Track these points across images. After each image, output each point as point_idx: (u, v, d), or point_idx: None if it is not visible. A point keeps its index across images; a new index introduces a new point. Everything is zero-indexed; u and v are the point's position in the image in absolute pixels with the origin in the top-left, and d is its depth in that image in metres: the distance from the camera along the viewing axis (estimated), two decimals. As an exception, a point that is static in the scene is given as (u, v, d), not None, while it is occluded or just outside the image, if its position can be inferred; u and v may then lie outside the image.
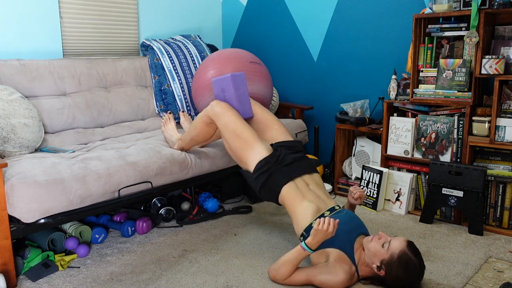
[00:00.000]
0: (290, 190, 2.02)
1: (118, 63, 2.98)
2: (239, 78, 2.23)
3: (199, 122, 2.29)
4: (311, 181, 2.11)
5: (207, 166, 2.53)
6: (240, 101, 2.24)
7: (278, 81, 3.73)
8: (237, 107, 2.23)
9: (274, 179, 2.05)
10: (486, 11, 2.38)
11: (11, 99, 2.20)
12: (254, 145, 2.10)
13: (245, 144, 2.10)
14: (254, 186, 2.12)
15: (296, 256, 1.84)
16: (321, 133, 3.52)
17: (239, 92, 2.23)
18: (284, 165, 2.07)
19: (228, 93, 2.24)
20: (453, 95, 2.54)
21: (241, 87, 2.24)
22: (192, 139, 2.38)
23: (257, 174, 2.07)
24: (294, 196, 2.01)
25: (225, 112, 2.17)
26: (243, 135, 2.11)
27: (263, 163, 2.06)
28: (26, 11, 2.69)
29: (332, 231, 1.78)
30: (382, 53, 3.11)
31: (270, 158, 2.07)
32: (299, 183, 2.06)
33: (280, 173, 2.05)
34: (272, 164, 2.06)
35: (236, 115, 2.17)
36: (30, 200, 1.83)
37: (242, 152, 2.11)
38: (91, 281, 1.94)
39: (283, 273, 1.85)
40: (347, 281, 1.79)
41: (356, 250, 1.87)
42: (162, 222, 2.59)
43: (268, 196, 2.10)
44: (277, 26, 3.64)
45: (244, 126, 2.13)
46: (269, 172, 2.05)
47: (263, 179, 2.05)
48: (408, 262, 1.74)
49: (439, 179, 2.52)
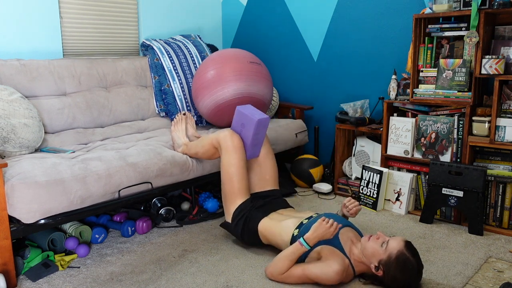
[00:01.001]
0: (266, 223, 2.14)
1: (118, 63, 2.98)
2: (263, 123, 2.23)
3: (208, 143, 2.33)
4: (285, 212, 2.24)
5: (208, 168, 2.53)
6: (253, 144, 2.27)
7: (278, 81, 3.73)
8: (248, 148, 2.27)
9: (250, 220, 2.17)
10: (486, 11, 2.38)
11: (11, 99, 2.20)
12: (239, 196, 2.21)
13: (233, 192, 2.21)
14: (236, 234, 2.23)
15: (293, 251, 1.87)
16: (321, 133, 3.52)
17: (256, 136, 2.25)
18: (257, 208, 2.21)
19: (246, 132, 2.24)
20: (453, 95, 2.54)
21: (261, 132, 2.26)
22: (196, 154, 2.42)
23: (236, 221, 2.19)
24: (270, 226, 2.12)
25: (233, 152, 2.22)
26: (236, 185, 2.20)
27: (239, 210, 2.20)
28: (26, 11, 2.69)
29: (333, 232, 1.83)
30: (382, 53, 3.11)
31: (243, 205, 2.19)
32: (273, 216, 2.18)
33: (254, 214, 2.18)
34: (247, 210, 2.18)
35: (241, 159, 2.22)
36: (30, 200, 1.83)
37: (228, 195, 2.23)
38: (91, 281, 1.94)
39: (280, 269, 1.87)
40: (342, 272, 1.79)
41: (344, 243, 1.89)
42: (162, 222, 2.59)
43: (250, 238, 2.19)
44: (277, 26, 3.64)
45: (241, 175, 2.21)
46: (245, 217, 2.17)
47: (241, 224, 2.17)
48: (406, 262, 1.74)
49: (439, 179, 2.52)
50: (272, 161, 2.40)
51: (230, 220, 2.22)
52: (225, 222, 2.26)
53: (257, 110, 2.29)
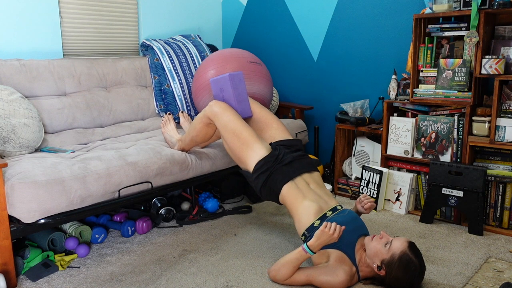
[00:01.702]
0: (291, 189, 2.01)
1: (118, 63, 2.98)
2: (237, 77, 2.22)
3: (198, 122, 2.29)
4: (311, 180, 2.10)
5: (207, 167, 2.53)
6: (238, 100, 2.23)
7: (278, 81, 3.73)
8: (235, 106, 2.22)
9: (274, 178, 2.04)
10: (486, 11, 2.38)
11: (11, 99, 2.20)
12: (253, 145, 2.09)
13: (244, 144, 2.09)
14: (255, 186, 2.11)
15: (297, 257, 1.83)
16: (321, 133, 3.52)
17: (237, 92, 2.22)
18: (284, 165, 2.06)
19: (227, 92, 2.22)
20: (453, 95, 2.54)
21: (240, 87, 2.23)
22: (192, 140, 2.37)
23: (257, 174, 2.06)
24: (295, 195, 2.00)
25: (223, 112, 2.16)
26: (242, 135, 2.09)
27: (262, 163, 2.05)
28: (26, 11, 2.69)
29: (336, 238, 1.77)
30: (382, 53, 3.11)
31: (269, 157, 2.06)
32: (299, 183, 2.05)
33: (279, 172, 2.04)
34: (272, 163, 2.05)
35: (235, 115, 2.16)
36: (30, 200, 1.83)
37: (242, 152, 2.10)
38: (91, 281, 1.94)
39: (284, 274, 1.85)
40: (347, 282, 1.79)
41: (357, 251, 1.87)
42: (162, 222, 2.59)
43: (268, 195, 2.10)
44: (277, 26, 3.64)
45: (243, 125, 2.12)
46: (269, 172, 2.04)
47: (263, 179, 2.05)
48: (409, 263, 1.74)
49: (439, 179, 2.52)
50: (270, 113, 2.32)
51: (250, 170, 2.09)
52: (245, 171, 2.15)
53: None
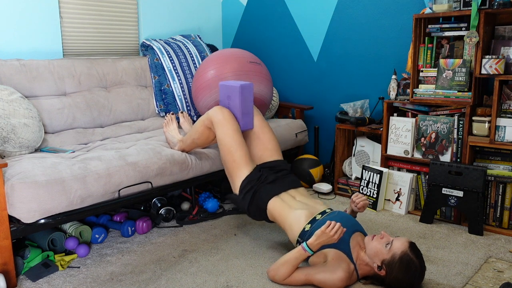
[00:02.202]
0: (276, 204, 2.07)
1: (118, 63, 2.98)
2: (247, 89, 2.21)
3: (201, 125, 2.30)
4: (296, 194, 2.17)
5: (207, 167, 2.53)
6: (243, 112, 2.24)
7: (278, 81, 3.73)
8: (239, 118, 2.24)
9: (259, 196, 2.11)
10: (486, 11, 2.38)
11: (11, 99, 2.20)
12: (242, 166, 2.16)
13: (235, 162, 2.16)
14: (242, 207, 2.17)
15: (296, 256, 1.84)
16: (321, 133, 3.52)
17: (244, 104, 2.23)
18: (267, 183, 2.14)
19: (233, 102, 2.23)
20: (453, 95, 2.54)
21: (248, 99, 2.23)
22: (193, 142, 2.38)
23: (243, 194, 2.13)
24: (281, 208, 2.06)
25: (225, 123, 2.19)
26: (236, 154, 2.15)
27: (246, 182, 2.13)
28: (26, 11, 2.69)
29: (336, 239, 1.79)
30: (382, 53, 3.11)
31: (251, 176, 2.14)
32: (284, 197, 2.12)
33: (263, 190, 2.12)
34: (255, 182, 2.13)
35: (235, 130, 2.18)
36: (30, 200, 1.83)
37: (232, 169, 2.18)
38: (91, 281, 1.94)
39: (283, 273, 1.85)
40: (346, 279, 1.79)
41: (353, 248, 1.87)
42: (162, 222, 2.59)
43: (257, 213, 2.16)
44: (277, 26, 3.64)
45: (239, 144, 2.16)
46: (253, 190, 2.11)
47: (249, 197, 2.12)
48: (409, 264, 1.74)
49: (439, 179, 2.52)
50: (270, 131, 2.34)
51: (237, 192, 2.15)
52: (232, 195, 2.20)
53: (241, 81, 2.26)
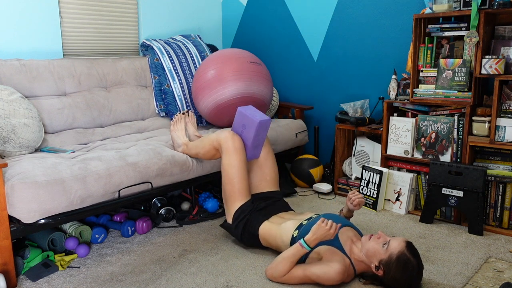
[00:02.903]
0: (266, 227, 2.14)
1: (118, 63, 2.98)
2: (265, 125, 2.23)
3: (209, 144, 2.33)
4: (285, 215, 2.24)
5: (208, 168, 2.53)
6: (254, 145, 2.27)
7: (278, 81, 3.73)
8: (248, 149, 2.27)
9: (251, 223, 2.17)
10: (486, 11, 2.38)
11: (11, 99, 2.20)
12: (240, 199, 2.21)
13: (234, 193, 2.21)
14: (236, 236, 2.22)
15: (294, 253, 1.86)
16: (321, 133, 3.52)
17: (257, 138, 2.25)
18: (258, 210, 2.21)
19: (247, 133, 2.24)
20: (453, 95, 2.54)
21: (262, 133, 2.26)
22: (197, 154, 2.42)
23: (236, 223, 2.19)
24: (270, 229, 2.12)
25: (234, 153, 2.21)
26: (236, 187, 2.20)
27: (239, 212, 2.19)
28: (26, 11, 2.69)
29: (333, 233, 1.82)
30: (382, 53, 3.11)
31: (244, 206, 2.19)
32: (273, 220, 2.18)
33: (255, 217, 2.18)
34: (247, 212, 2.18)
35: (242, 160, 2.22)
36: (30, 200, 1.83)
37: (230, 197, 2.23)
38: (91, 281, 1.94)
39: (281, 271, 1.86)
40: (343, 272, 1.79)
41: (344, 243, 1.89)
42: (162, 222, 2.59)
43: (250, 240, 2.20)
44: (277, 26, 3.64)
45: (242, 178, 2.21)
46: (246, 219, 2.17)
47: (241, 226, 2.18)
48: (407, 263, 1.74)
49: (439, 179, 2.52)
50: (273, 162, 2.40)
51: (230, 221, 2.22)
52: (226, 223, 2.27)
53: (258, 111, 2.28)
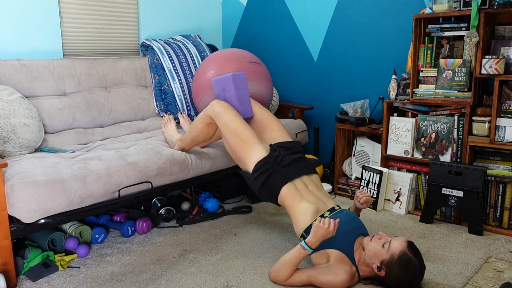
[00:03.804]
0: (289, 191, 2.03)
1: (118, 63, 2.98)
2: (240, 77, 2.23)
3: (200, 122, 2.29)
4: (309, 182, 2.12)
5: (207, 167, 2.53)
6: (240, 101, 2.24)
7: (278, 81, 3.73)
8: (237, 106, 2.23)
9: (273, 179, 2.06)
10: (486, 11, 2.38)
11: (11, 99, 2.20)
12: (254, 145, 2.11)
13: (245, 144, 2.11)
14: (253, 187, 2.12)
15: (296, 255, 1.84)
16: (321, 133, 3.52)
17: (239, 92, 2.23)
18: (283, 166, 2.08)
19: (229, 92, 2.23)
20: (453, 95, 2.54)
21: (242, 87, 2.24)
22: (192, 140, 2.38)
23: (256, 175, 2.08)
24: (293, 197, 2.02)
25: (225, 112, 2.17)
26: (243, 136, 2.11)
27: (262, 163, 2.07)
28: (26, 11, 2.69)
29: (333, 231, 1.79)
30: (382, 53, 3.11)
31: (268, 158, 2.08)
32: (298, 184, 2.07)
33: (278, 173, 2.06)
34: (271, 164, 2.07)
35: (236, 115, 2.17)
36: (30, 200, 1.83)
37: (242, 153, 2.12)
38: (91, 281, 1.94)
39: (284, 274, 1.85)
40: (348, 281, 1.79)
41: (355, 251, 1.87)
42: (162, 222, 2.59)
43: (267, 196, 2.11)
44: (277, 26, 3.64)
45: (244, 126, 2.14)
46: (268, 173, 2.06)
47: (262, 179, 2.06)
48: (409, 263, 1.74)
49: (439, 179, 2.52)
50: (271, 115, 2.33)
51: (250, 171, 2.11)
52: (245, 172, 2.17)
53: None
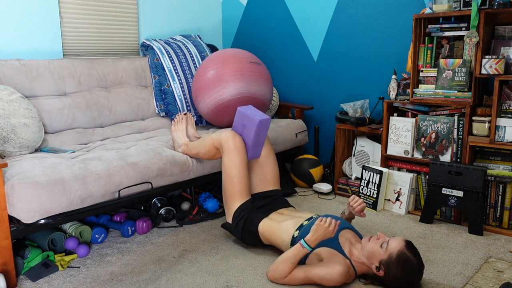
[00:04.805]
0: (266, 224, 2.14)
1: (118, 63, 2.98)
2: (265, 124, 2.23)
3: (210, 143, 2.33)
4: (285, 211, 2.25)
5: (208, 168, 2.53)
6: (255, 145, 2.27)
7: (278, 81, 3.73)
8: (249, 149, 2.27)
9: (250, 220, 2.17)
10: (486, 11, 2.38)
11: (11, 99, 2.20)
12: (240, 198, 2.22)
13: (234, 193, 2.22)
14: (236, 235, 2.23)
15: (295, 254, 1.85)
16: (321, 133, 3.52)
17: (258, 137, 2.25)
18: (257, 208, 2.21)
19: (248, 133, 2.25)
20: (453, 95, 2.54)
21: (263, 132, 2.26)
22: (197, 154, 2.42)
23: (236, 222, 2.19)
24: (270, 226, 2.12)
25: (234, 153, 2.22)
26: (236, 187, 2.21)
27: (239, 211, 2.20)
28: (26, 11, 2.69)
29: (332, 231, 1.82)
30: (382, 53, 3.11)
31: (244, 206, 2.20)
32: (272, 217, 2.19)
33: (254, 215, 2.19)
34: (247, 211, 2.18)
35: (242, 160, 2.22)
36: (30, 200, 1.83)
37: (230, 197, 2.23)
38: (91, 281, 1.94)
39: (282, 272, 1.86)
40: (345, 273, 1.79)
41: (343, 245, 1.89)
42: (162, 222, 2.59)
43: (250, 239, 2.20)
44: (277, 26, 3.64)
45: (242, 178, 2.21)
46: (245, 218, 2.17)
47: (241, 225, 2.18)
48: (407, 262, 1.74)
49: (439, 179, 2.52)
50: (273, 162, 2.40)
51: (230, 221, 2.22)
52: (226, 223, 2.27)
53: (258, 110, 2.28)
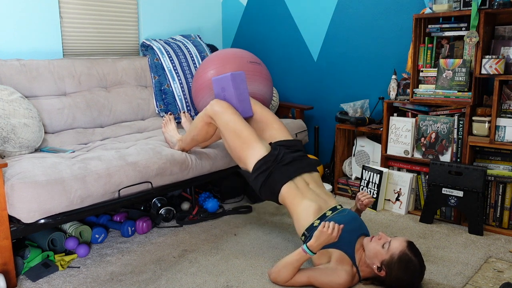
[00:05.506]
0: (290, 189, 2.02)
1: (118, 63, 2.98)
2: (239, 77, 2.23)
3: (199, 121, 2.29)
4: (310, 180, 2.10)
5: (207, 167, 2.53)
6: (240, 100, 2.24)
7: (278, 81, 3.73)
8: (236, 106, 2.23)
9: (274, 178, 2.05)
10: (486, 11, 2.38)
11: (11, 99, 2.20)
12: (253, 144, 2.10)
13: (245, 143, 2.10)
14: (254, 186, 2.11)
15: (297, 259, 1.83)
16: (321, 133, 3.52)
17: (239, 91, 2.23)
18: (283, 164, 2.06)
19: (228, 92, 2.23)
20: (453, 95, 2.54)
21: (241, 86, 2.24)
22: (192, 139, 2.37)
23: (256, 174, 2.06)
24: (294, 195, 2.01)
25: (224, 111, 2.17)
26: (243, 135, 2.10)
27: (262, 162, 2.06)
28: (26, 11, 2.69)
29: (335, 237, 1.76)
30: (382, 53, 3.11)
31: (268, 157, 2.07)
32: (298, 182, 2.05)
33: (279, 172, 2.05)
34: (271, 163, 2.06)
35: (236, 114, 2.17)
36: (30, 200, 1.83)
37: (242, 152, 2.11)
38: (91, 281, 1.94)
39: (284, 276, 1.85)
40: (349, 282, 1.79)
41: (357, 251, 1.87)
42: (162, 222, 2.59)
43: (268, 195, 2.10)
44: (277, 26, 3.64)
45: (244, 125, 2.13)
46: (268, 172, 2.05)
47: (262, 179, 2.05)
48: (409, 263, 1.74)
49: (439, 179, 2.52)
50: (271, 113, 2.32)
51: (250, 170, 2.10)
52: (245, 171, 2.15)
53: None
